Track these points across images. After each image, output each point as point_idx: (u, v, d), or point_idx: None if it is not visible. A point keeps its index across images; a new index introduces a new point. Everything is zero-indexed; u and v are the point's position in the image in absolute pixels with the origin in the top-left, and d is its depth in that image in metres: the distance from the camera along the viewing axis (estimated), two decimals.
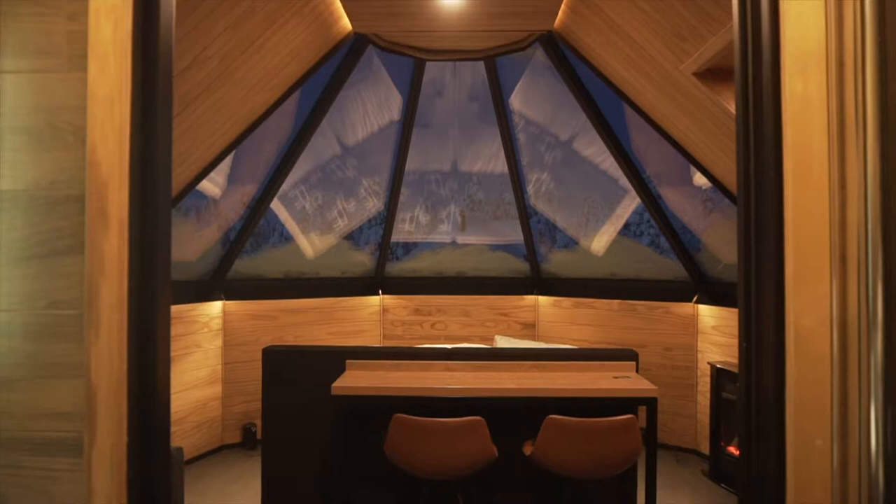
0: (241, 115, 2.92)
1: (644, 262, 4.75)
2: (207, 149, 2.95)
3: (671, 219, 4.38)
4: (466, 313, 5.27)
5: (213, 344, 4.46)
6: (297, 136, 4.18)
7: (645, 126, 4.13)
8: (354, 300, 5.16)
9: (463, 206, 5.25)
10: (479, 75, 4.86)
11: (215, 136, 2.88)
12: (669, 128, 3.45)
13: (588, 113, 4.15)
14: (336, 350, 3.05)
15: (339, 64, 3.95)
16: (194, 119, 2.59)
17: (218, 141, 2.99)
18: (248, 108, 2.92)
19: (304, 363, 3.03)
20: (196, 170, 3.10)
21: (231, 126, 2.95)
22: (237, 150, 4.21)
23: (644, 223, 4.72)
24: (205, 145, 2.88)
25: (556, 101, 4.72)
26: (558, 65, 3.94)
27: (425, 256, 5.33)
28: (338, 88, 4.04)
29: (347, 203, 5.12)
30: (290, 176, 4.75)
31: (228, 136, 3.06)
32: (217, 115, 2.72)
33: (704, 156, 3.37)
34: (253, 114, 3.05)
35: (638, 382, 2.70)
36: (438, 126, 5.05)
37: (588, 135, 4.80)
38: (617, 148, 4.24)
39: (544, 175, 5.09)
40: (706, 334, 4.39)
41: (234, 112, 2.82)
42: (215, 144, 3.00)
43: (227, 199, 4.43)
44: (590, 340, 4.96)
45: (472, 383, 2.68)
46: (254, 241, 4.74)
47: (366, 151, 4.94)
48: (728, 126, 2.61)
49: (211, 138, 2.86)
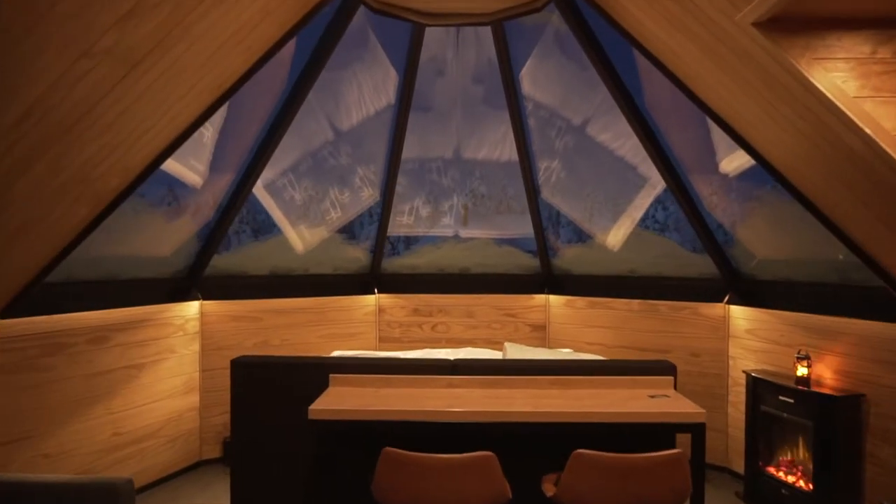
0: (207, 82, 2.46)
1: (667, 258, 4.28)
2: (168, 122, 2.49)
3: (701, 209, 3.91)
4: (470, 314, 4.82)
5: (188, 349, 4.01)
6: (280, 114, 3.71)
7: (664, 107, 3.68)
8: (348, 299, 4.71)
9: (466, 200, 4.79)
10: (483, 53, 4.41)
11: (177, 108, 2.42)
12: (710, 98, 2.98)
13: (610, 87, 3.67)
14: (317, 363, 2.60)
15: (325, 30, 3.47)
16: (145, 85, 2.14)
17: (181, 113, 2.53)
18: (214, 75, 2.46)
19: (281, 378, 2.58)
20: (156, 148, 2.64)
21: (196, 96, 2.49)
22: (221, 135, 3.81)
23: (667, 214, 4.25)
24: (165, 118, 2.42)
25: (568, 82, 4.27)
26: (577, 30, 3.45)
27: (425, 251, 4.88)
28: (324, 59, 3.57)
29: (341, 193, 4.67)
30: (278, 163, 4.30)
31: (194, 108, 2.59)
32: (176, 81, 2.26)
33: (751, 129, 2.89)
34: (222, 81, 2.59)
35: (679, 403, 2.25)
36: (439, 109, 4.61)
37: (603, 118, 4.35)
38: (642, 127, 3.76)
39: (555, 163, 4.63)
40: (739, 338, 3.93)
41: (198, 78, 2.36)
42: (178, 118, 2.54)
43: (209, 189, 3.98)
44: (607, 344, 4.50)
45: (480, 404, 2.23)
46: (244, 234, 4.28)
47: (361, 137, 4.49)
48: (788, 89, 2.14)
49: (171, 110, 2.40)
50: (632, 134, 4.27)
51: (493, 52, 4.29)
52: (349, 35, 4.04)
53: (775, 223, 3.58)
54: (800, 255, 3.53)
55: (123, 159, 2.50)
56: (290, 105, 3.67)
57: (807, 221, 3.18)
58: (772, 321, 3.69)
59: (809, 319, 3.44)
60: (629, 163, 4.38)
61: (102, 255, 3.38)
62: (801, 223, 3.29)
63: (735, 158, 3.79)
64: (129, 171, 2.62)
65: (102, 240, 3.27)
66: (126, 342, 3.56)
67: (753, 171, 3.60)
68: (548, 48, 4.20)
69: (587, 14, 3.42)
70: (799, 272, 3.56)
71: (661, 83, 3.70)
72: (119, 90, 2.09)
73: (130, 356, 3.59)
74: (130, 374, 3.59)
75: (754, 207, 3.71)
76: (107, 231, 3.20)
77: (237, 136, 3.92)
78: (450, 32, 4.27)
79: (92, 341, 3.35)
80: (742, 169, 3.72)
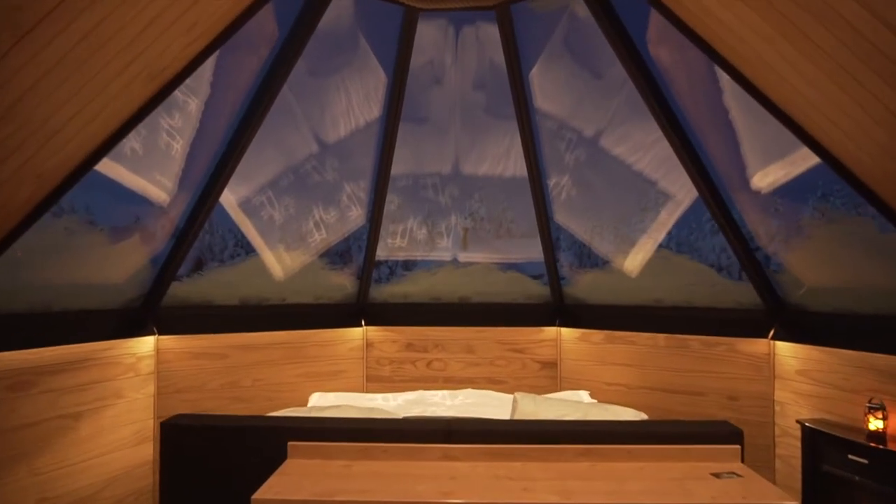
0: (138, 68, 1.92)
1: (698, 285, 3.72)
2: (90, 119, 1.96)
3: (743, 228, 3.36)
4: (471, 349, 4.24)
5: (141, 392, 3.42)
6: (248, 113, 3.18)
7: (690, 110, 3.18)
8: (331, 333, 4.14)
9: (465, 221, 4.26)
10: (485, 55, 3.95)
11: (99, 100, 1.89)
12: (775, 88, 2.45)
13: (640, 84, 3.15)
14: (273, 426, 2.02)
15: (300, 13, 2.95)
16: (47, 64, 1.61)
17: (107, 108, 2.00)
18: (147, 59, 1.93)
19: (225, 444, 2.00)
20: (78, 150, 2.09)
21: (124, 86, 1.96)
22: (193, 147, 3.33)
23: (699, 234, 3.71)
24: (85, 113, 1.88)
25: (578, 90, 3.78)
26: (601, 16, 2.94)
27: (419, 278, 4.33)
28: (299, 47, 3.05)
29: (326, 213, 4.16)
30: (254, 178, 3.78)
31: (122, 102, 2.05)
32: (91, 64, 1.74)
33: (825, 127, 2.35)
34: (159, 68, 2.06)
35: (756, 487, 1.66)
36: (436, 120, 4.13)
37: (618, 129, 3.88)
38: (677, 132, 3.23)
39: (564, 178, 4.12)
40: (788, 380, 3.34)
41: (124, 62, 1.84)
42: (103, 113, 2.01)
43: (176, 207, 3.46)
44: (628, 385, 3.91)
45: (487, 490, 1.64)
46: (211, 259, 3.73)
47: (350, 150, 4.00)
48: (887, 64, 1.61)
49: (93, 102, 1.87)
50: (651, 146, 3.79)
51: (496, 53, 3.83)
52: (336, 39, 3.62)
53: (830, 244, 3.03)
54: (863, 282, 2.97)
55: (32, 163, 1.96)
56: (256, 109, 3.13)
57: (876, 242, 2.64)
58: (830, 361, 3.11)
59: (880, 360, 2.86)
60: (648, 178, 3.88)
61: (31, 283, 2.82)
62: (868, 244, 2.75)
63: (770, 172, 3.29)
64: (43, 179, 2.07)
65: (35, 264, 2.74)
66: (59, 387, 2.97)
67: (792, 186, 3.12)
68: (556, 53, 3.75)
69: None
70: (863, 303, 2.99)
71: (689, 79, 3.22)
72: (7, 66, 1.56)
73: (64, 404, 3.00)
74: (64, 425, 2.99)
75: (805, 225, 3.17)
76: (41, 254, 2.68)
77: (210, 147, 3.44)
78: (448, 35, 3.81)
79: (13, 387, 2.77)
80: (778, 184, 3.22)
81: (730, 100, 3.34)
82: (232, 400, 3.74)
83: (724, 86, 3.31)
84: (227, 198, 3.73)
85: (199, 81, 3.32)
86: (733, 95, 3.30)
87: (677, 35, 2.85)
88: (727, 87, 3.31)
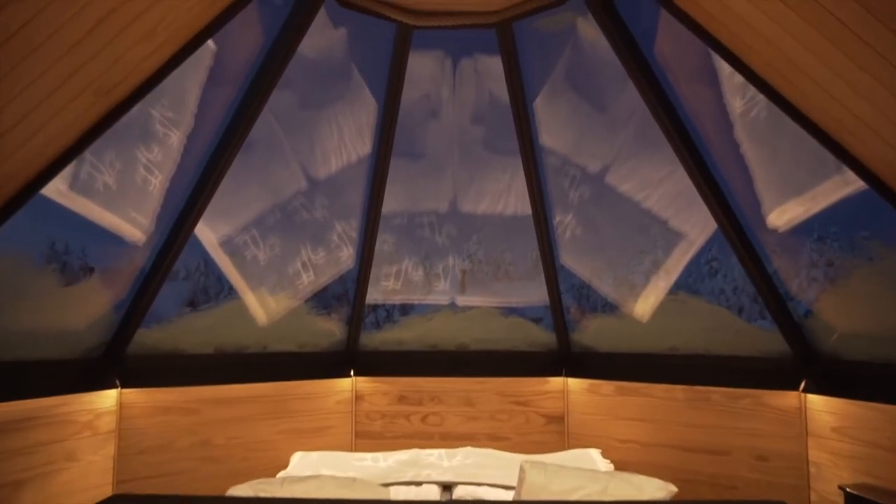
0: (84, 80, 1.66)
1: (718, 331, 3.42)
2: (27, 139, 1.68)
3: (768, 268, 3.09)
4: (470, 402, 3.90)
5: (99, 453, 3.05)
6: (219, 146, 2.93)
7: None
8: (316, 384, 3.80)
9: (463, 262, 4.00)
10: (484, 91, 3.81)
11: (36, 117, 1.62)
12: (813, 101, 2.21)
13: (655, 108, 2.93)
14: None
15: (284, 25, 2.74)
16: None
17: (49, 125, 1.72)
18: (97, 69, 1.68)
19: None
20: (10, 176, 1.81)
21: (73, 95, 1.69)
22: (173, 183, 3.12)
23: (718, 275, 3.43)
24: (18, 132, 1.62)
25: (581, 124, 3.59)
26: (612, 33, 2.73)
27: (414, 323, 4.02)
28: (283, 62, 2.82)
29: (315, 253, 3.90)
30: (237, 216, 3.54)
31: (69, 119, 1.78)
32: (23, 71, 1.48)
33: (875, 147, 2.10)
34: (112, 81, 1.80)
35: None
36: (433, 155, 3.92)
37: (625, 165, 3.69)
38: (697, 163, 3.00)
39: (569, 217, 3.89)
40: (823, 438, 2.99)
41: (66, 71, 1.59)
42: (44, 132, 1.73)
43: (151, 247, 3.20)
44: (643, 442, 3.55)
45: None
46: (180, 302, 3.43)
47: (340, 187, 3.79)
48: None
49: (28, 120, 1.60)
50: (660, 182, 3.59)
51: (495, 86, 3.67)
52: (328, 70, 3.47)
53: (865, 285, 2.75)
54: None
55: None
56: (229, 141, 2.88)
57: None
58: (870, 417, 2.77)
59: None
60: (658, 216, 3.65)
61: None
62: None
63: (788, 209, 3.06)
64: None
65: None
66: (1, 450, 2.60)
67: (814, 223, 2.92)
68: (558, 87, 3.58)
69: (624, 12, 2.71)
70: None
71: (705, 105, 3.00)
72: None
73: (6, 470, 2.62)
74: (4, 496, 2.61)
75: (835, 265, 2.89)
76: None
77: (192, 183, 3.22)
78: (445, 67, 3.63)
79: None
80: (797, 222, 3.01)
81: (741, 133, 3.15)
82: (203, 461, 3.36)
83: (735, 119, 3.13)
84: (208, 236, 3.48)
85: (181, 113, 3.13)
86: (744, 127, 3.11)
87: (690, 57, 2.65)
88: (738, 119, 3.12)
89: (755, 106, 3.07)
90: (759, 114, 3.08)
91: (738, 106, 3.12)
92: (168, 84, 2.97)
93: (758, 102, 3.07)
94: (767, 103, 3.00)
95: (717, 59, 3.06)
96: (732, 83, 3.08)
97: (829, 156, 2.96)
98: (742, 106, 3.12)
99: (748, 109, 3.10)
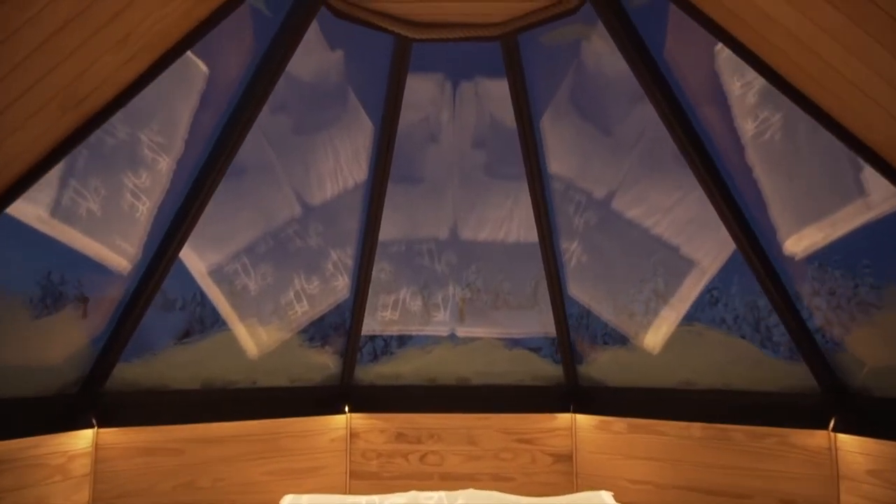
0: (51, 88, 1.52)
1: (736, 363, 3.23)
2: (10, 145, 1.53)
3: (793, 296, 2.91)
4: (472, 439, 3.68)
5: (70, 500, 2.83)
6: (210, 158, 2.79)
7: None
8: (309, 422, 3.59)
9: (463, 292, 3.85)
10: (485, 114, 3.74)
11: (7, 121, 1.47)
12: (852, 109, 2.05)
13: (670, 123, 2.78)
14: None
15: (274, 40, 2.61)
16: None
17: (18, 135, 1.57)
18: (65, 77, 1.54)
19: None
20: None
21: (36, 108, 1.55)
22: (160, 211, 3.01)
23: (737, 305, 3.26)
24: None
25: (586, 147, 3.49)
26: (626, 44, 2.59)
27: (412, 356, 3.84)
28: (272, 78, 2.69)
29: (308, 282, 3.75)
30: (227, 244, 3.40)
31: (35, 131, 1.62)
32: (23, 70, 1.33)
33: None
34: (83, 91, 1.66)
35: None
36: (432, 180, 3.80)
37: (632, 190, 3.59)
38: (715, 180, 2.85)
39: (574, 244, 3.76)
40: (856, 482, 2.76)
41: (24, 71, 1.43)
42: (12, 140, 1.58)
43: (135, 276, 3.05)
44: (658, 483, 3.32)
45: None
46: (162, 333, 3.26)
47: (336, 213, 3.67)
48: None
49: (1, 122, 1.45)
50: (671, 208, 3.48)
51: (497, 108, 3.58)
52: (323, 93, 3.40)
53: None
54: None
55: None
56: (213, 165, 2.74)
57: None
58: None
59: None
60: (669, 243, 3.52)
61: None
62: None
63: (805, 236, 2.93)
64: None
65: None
66: None
67: (830, 250, 2.81)
68: (561, 110, 3.48)
69: (639, 23, 2.58)
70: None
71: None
72: None
73: None
74: None
75: (862, 294, 2.72)
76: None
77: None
78: (444, 90, 3.55)
79: None
80: (815, 248, 2.88)
81: (753, 156, 3.02)
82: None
83: (747, 142, 3.00)
84: (196, 265, 3.34)
85: (171, 138, 3.05)
86: (756, 150, 2.98)
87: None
88: (749, 142, 3.00)
89: (768, 128, 2.96)
90: (772, 136, 2.96)
91: (750, 128, 3.00)
92: (158, 107, 2.89)
93: (772, 124, 2.96)
94: (782, 124, 2.88)
95: (726, 77, 2.96)
96: (743, 104, 2.97)
97: (851, 178, 2.81)
98: (754, 128, 3.00)
99: (761, 132, 2.99)
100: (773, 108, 2.85)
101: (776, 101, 2.75)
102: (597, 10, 2.43)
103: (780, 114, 2.84)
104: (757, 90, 2.85)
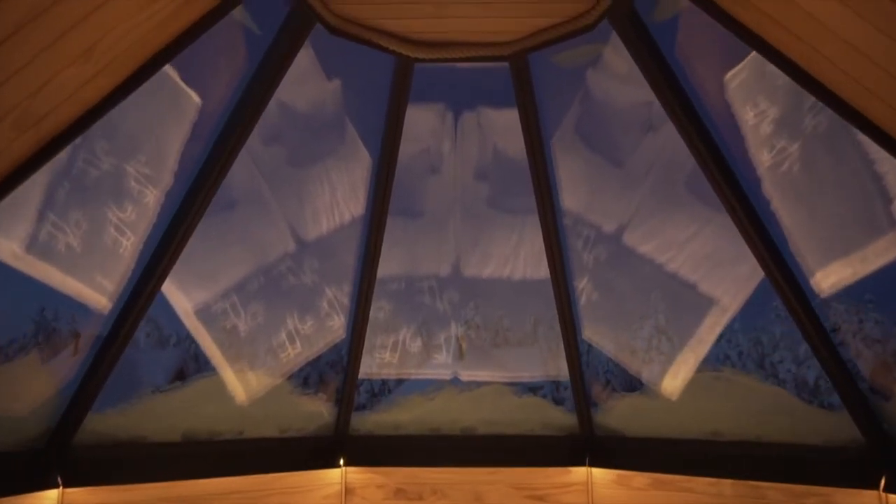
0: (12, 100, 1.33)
1: (768, 412, 2.97)
2: None
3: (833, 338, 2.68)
4: (478, 496, 3.44)
5: None
6: (193, 187, 2.62)
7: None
8: (300, 476, 3.34)
9: (461, 330, 3.68)
10: (488, 145, 3.62)
11: None
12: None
13: (695, 142, 2.62)
14: None
15: (264, 57, 2.47)
16: None
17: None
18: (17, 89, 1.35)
19: None
20: None
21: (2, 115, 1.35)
22: (146, 246, 2.86)
23: (761, 344, 3.05)
24: None
25: (594, 179, 3.37)
26: (644, 61, 2.42)
27: (413, 403, 3.63)
28: (265, 94, 2.54)
29: (302, 322, 3.58)
30: (216, 281, 3.25)
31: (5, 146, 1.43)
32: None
33: None
34: (39, 114, 1.48)
35: None
36: (433, 214, 3.67)
37: (645, 224, 3.46)
38: (745, 208, 2.67)
39: (583, 282, 3.58)
40: None
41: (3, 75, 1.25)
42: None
43: None
44: None
45: None
46: None
47: (332, 249, 3.54)
48: None
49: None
50: (686, 242, 3.33)
51: (500, 139, 3.47)
52: (320, 124, 3.30)
53: None
54: None
55: None
56: (195, 197, 2.57)
57: None
58: None
59: None
60: (685, 280, 3.36)
61: None
62: None
63: (832, 272, 2.76)
64: None
65: None
66: None
67: (860, 287, 2.67)
68: (566, 137, 3.36)
69: (659, 37, 2.42)
70: None
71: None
72: None
73: None
74: None
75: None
76: None
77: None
78: (446, 121, 3.44)
79: None
80: (842, 285, 2.72)
81: (770, 189, 2.86)
82: None
83: (763, 174, 2.84)
84: (182, 304, 3.16)
85: (159, 170, 2.93)
86: (773, 182, 2.81)
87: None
88: (766, 174, 2.84)
89: (786, 159, 2.82)
90: (790, 167, 2.83)
91: (766, 160, 2.87)
92: (146, 137, 2.78)
93: (789, 154, 2.82)
94: (800, 154, 2.74)
95: (737, 107, 2.83)
96: (758, 134, 2.85)
97: (881, 209, 2.64)
98: (770, 159, 2.87)
99: (778, 163, 2.85)
100: (789, 137, 2.73)
101: (792, 130, 2.62)
102: (614, 27, 2.27)
103: (797, 143, 2.72)
104: (772, 119, 2.74)
